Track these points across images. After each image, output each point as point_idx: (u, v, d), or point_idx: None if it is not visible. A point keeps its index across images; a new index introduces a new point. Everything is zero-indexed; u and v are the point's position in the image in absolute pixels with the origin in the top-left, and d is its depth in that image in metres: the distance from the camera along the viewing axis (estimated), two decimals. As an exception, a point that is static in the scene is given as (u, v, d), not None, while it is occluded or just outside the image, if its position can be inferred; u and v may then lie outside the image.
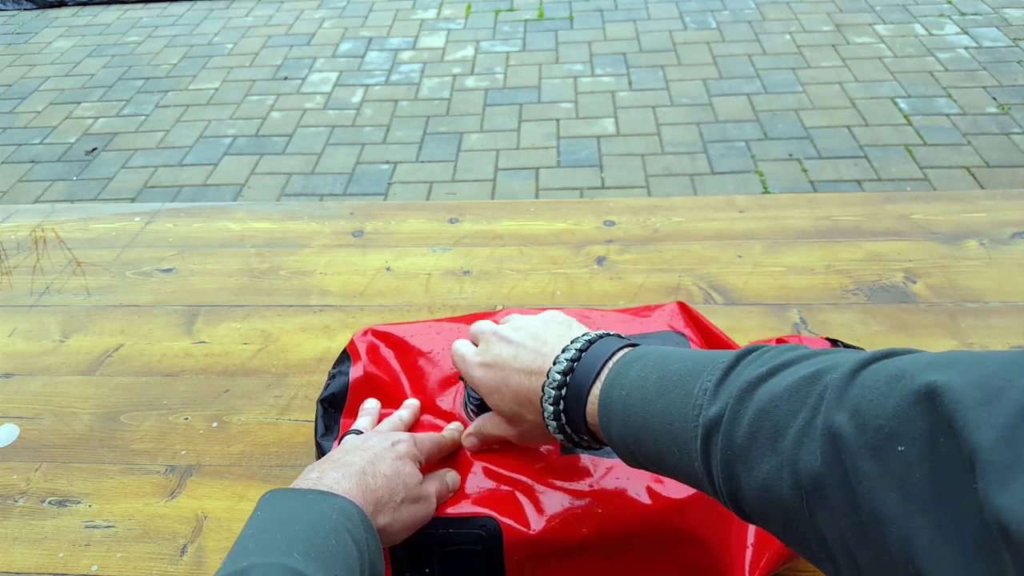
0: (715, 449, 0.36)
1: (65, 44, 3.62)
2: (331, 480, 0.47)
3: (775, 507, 0.33)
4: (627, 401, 0.42)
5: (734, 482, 0.35)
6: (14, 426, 0.74)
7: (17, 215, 1.05)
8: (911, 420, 0.27)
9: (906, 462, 0.27)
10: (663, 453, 0.40)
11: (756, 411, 0.34)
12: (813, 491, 0.30)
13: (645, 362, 0.43)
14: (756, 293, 0.84)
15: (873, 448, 0.28)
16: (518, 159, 2.58)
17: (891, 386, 0.29)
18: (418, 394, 0.61)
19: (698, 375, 0.39)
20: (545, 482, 0.52)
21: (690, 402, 0.38)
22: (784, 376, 0.34)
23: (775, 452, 0.33)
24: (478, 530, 0.51)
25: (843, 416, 0.30)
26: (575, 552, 0.52)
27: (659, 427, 0.39)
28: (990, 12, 3.23)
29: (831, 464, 0.30)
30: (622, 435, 0.42)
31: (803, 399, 0.32)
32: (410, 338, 0.65)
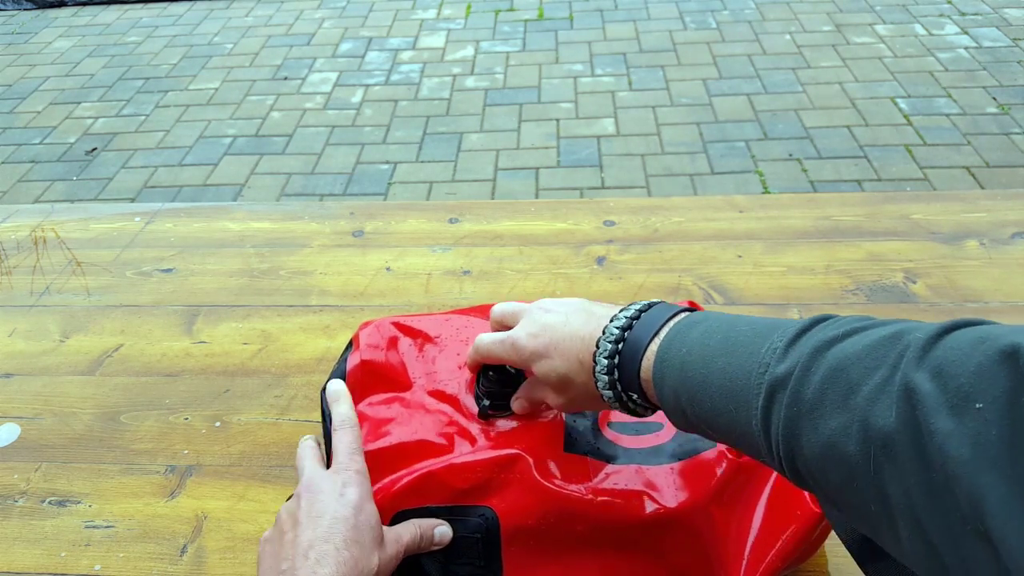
0: (778, 406, 0.35)
1: (65, 44, 3.62)
2: (307, 572, 0.45)
3: (838, 465, 0.32)
4: (686, 358, 0.41)
5: (794, 440, 0.34)
6: (15, 426, 0.74)
7: (17, 215, 1.05)
8: (993, 378, 0.27)
9: (983, 420, 0.26)
10: (718, 411, 0.39)
11: (829, 368, 0.33)
12: (883, 448, 0.30)
13: (709, 323, 0.42)
14: (756, 293, 0.84)
15: (952, 407, 0.28)
16: (518, 159, 2.58)
17: (975, 347, 0.29)
18: (421, 379, 0.61)
19: (766, 337, 0.38)
20: (547, 476, 0.52)
21: (756, 360, 0.37)
22: (862, 337, 0.34)
23: (846, 408, 0.32)
24: (477, 518, 0.52)
25: (923, 375, 0.29)
26: (572, 550, 0.52)
27: (718, 384, 0.39)
28: (990, 12, 3.23)
29: (905, 420, 0.29)
30: (676, 392, 0.42)
31: (882, 357, 0.32)
32: (417, 324, 0.64)
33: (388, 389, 0.61)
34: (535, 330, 0.51)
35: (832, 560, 0.59)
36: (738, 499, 0.53)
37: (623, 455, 0.54)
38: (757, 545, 0.53)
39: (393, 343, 0.63)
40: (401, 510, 0.53)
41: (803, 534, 0.51)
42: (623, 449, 0.55)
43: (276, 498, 0.66)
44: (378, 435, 0.57)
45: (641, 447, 0.55)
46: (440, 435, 0.56)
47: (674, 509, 0.51)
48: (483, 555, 0.52)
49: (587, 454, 0.54)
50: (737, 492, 0.53)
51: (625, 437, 0.56)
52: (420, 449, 0.56)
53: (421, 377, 0.61)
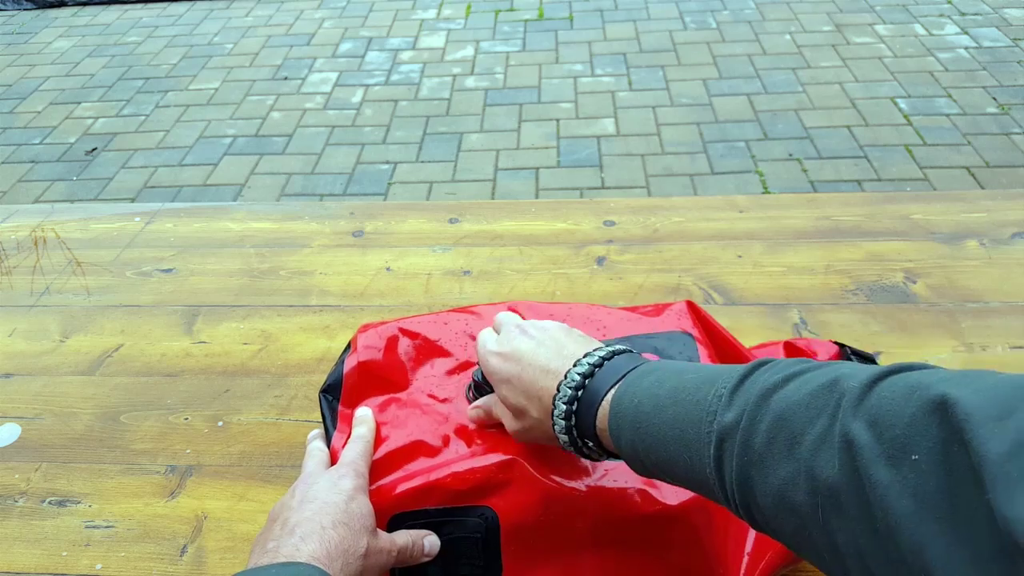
0: (729, 455, 0.36)
1: (65, 44, 3.62)
2: (290, 548, 0.45)
3: (789, 514, 0.33)
4: (639, 408, 0.42)
5: (748, 488, 0.35)
6: (15, 426, 0.74)
7: (17, 215, 1.05)
8: (926, 430, 0.28)
9: (920, 471, 0.27)
10: (674, 460, 0.40)
11: (774, 417, 0.34)
12: (829, 498, 0.31)
13: (661, 373, 0.43)
14: (756, 293, 0.84)
15: (889, 457, 0.28)
16: (518, 159, 2.58)
17: (907, 397, 0.29)
18: (418, 380, 0.61)
19: (712, 383, 0.39)
20: (546, 475, 0.52)
21: (703, 408, 0.38)
22: (801, 383, 0.35)
23: (792, 458, 0.33)
24: (477, 518, 0.52)
25: (860, 424, 0.30)
26: (572, 548, 0.52)
27: (670, 434, 0.40)
28: (990, 12, 3.23)
29: (847, 472, 0.30)
30: (632, 443, 0.42)
31: (821, 406, 0.33)
32: (414, 326, 0.64)
33: (385, 390, 0.61)
34: (506, 351, 0.51)
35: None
36: None
37: None
38: (757, 542, 0.53)
39: (391, 346, 0.63)
40: (399, 512, 0.53)
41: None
42: None
43: (276, 498, 0.65)
44: (377, 441, 0.57)
45: None
46: (436, 436, 0.56)
47: (674, 506, 0.51)
48: (483, 554, 0.52)
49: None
50: None
51: None
52: (416, 450, 0.56)
53: (418, 379, 0.61)
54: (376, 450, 0.56)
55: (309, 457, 0.57)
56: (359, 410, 0.59)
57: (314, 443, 0.59)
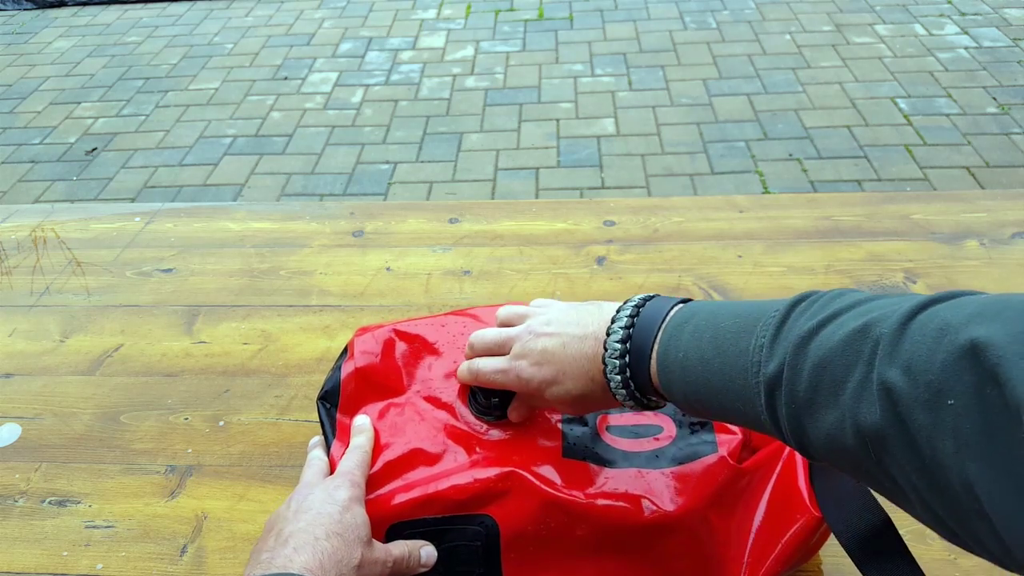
0: (780, 403, 0.37)
1: (65, 44, 3.62)
2: (283, 559, 0.45)
3: (843, 454, 0.34)
4: (684, 363, 0.43)
5: (802, 432, 0.36)
6: (16, 426, 0.74)
7: (17, 215, 1.05)
8: (958, 375, 0.29)
9: (956, 414, 0.28)
10: (728, 409, 0.41)
11: (813, 365, 0.35)
12: (876, 441, 0.32)
13: (697, 321, 0.43)
14: (756, 293, 0.84)
15: (925, 402, 0.29)
16: (518, 159, 2.58)
17: (937, 341, 0.30)
18: (416, 385, 0.61)
19: (751, 330, 0.40)
20: (547, 483, 0.52)
21: (747, 359, 0.39)
22: (835, 328, 0.35)
23: (836, 405, 0.34)
24: (477, 526, 0.51)
25: (895, 371, 0.31)
26: (572, 556, 0.52)
27: (720, 386, 0.41)
28: (990, 12, 3.23)
29: (889, 417, 0.31)
30: (685, 395, 0.43)
31: (857, 353, 0.33)
32: (413, 329, 0.64)
33: (383, 396, 0.60)
34: (537, 358, 0.51)
35: (830, 561, 0.59)
36: (737, 503, 0.53)
37: (622, 459, 0.54)
38: (756, 549, 0.53)
39: (388, 350, 0.62)
40: (397, 522, 0.52)
41: (803, 538, 0.51)
42: (622, 453, 0.54)
43: (276, 498, 0.65)
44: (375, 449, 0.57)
45: (641, 451, 0.55)
46: (435, 443, 0.56)
47: (674, 513, 0.51)
48: (483, 562, 0.52)
49: (586, 459, 0.54)
50: (737, 496, 0.53)
51: (624, 441, 0.55)
52: (415, 458, 0.55)
53: (416, 383, 0.61)
54: (375, 459, 0.56)
55: (308, 467, 0.57)
56: (357, 419, 0.59)
57: (314, 452, 0.59)
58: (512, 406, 0.55)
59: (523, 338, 0.52)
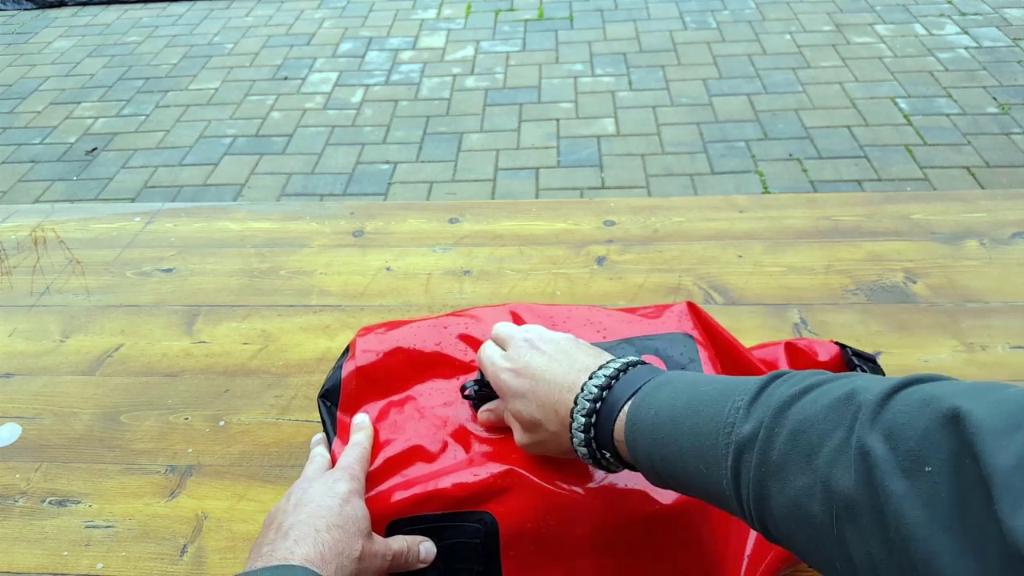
0: (747, 467, 0.37)
1: (65, 44, 3.62)
2: (284, 551, 0.45)
3: (804, 524, 0.34)
4: (655, 420, 0.42)
5: (764, 500, 0.36)
6: (16, 426, 0.74)
7: (17, 215, 1.05)
8: (938, 442, 0.29)
9: (933, 482, 0.28)
10: (691, 472, 0.40)
11: (791, 429, 0.35)
12: (844, 508, 0.31)
13: (676, 384, 0.43)
14: (756, 293, 0.84)
15: (903, 469, 0.29)
16: (518, 159, 2.58)
17: (920, 410, 0.30)
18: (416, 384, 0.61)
19: (729, 396, 0.40)
20: (546, 479, 0.52)
21: (721, 420, 0.39)
22: (818, 395, 0.35)
23: (809, 470, 0.33)
24: (476, 523, 0.52)
25: (876, 437, 0.31)
26: (571, 553, 0.52)
27: (687, 446, 0.40)
28: (990, 12, 3.23)
29: (863, 483, 0.31)
30: (649, 454, 0.43)
31: (838, 419, 0.33)
32: (412, 329, 0.64)
33: (383, 395, 0.61)
34: (518, 367, 0.51)
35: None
36: None
37: None
38: (757, 545, 0.53)
39: (389, 350, 0.63)
40: (397, 518, 0.53)
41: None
42: None
43: (276, 498, 0.65)
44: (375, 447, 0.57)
45: None
46: (435, 440, 0.56)
47: (673, 509, 0.51)
48: (482, 559, 0.52)
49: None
50: None
51: None
52: (414, 455, 0.56)
53: (416, 383, 0.61)
54: (375, 455, 0.56)
55: (310, 463, 0.58)
56: (357, 417, 0.59)
57: (316, 449, 0.60)
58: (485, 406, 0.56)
59: (519, 344, 0.53)
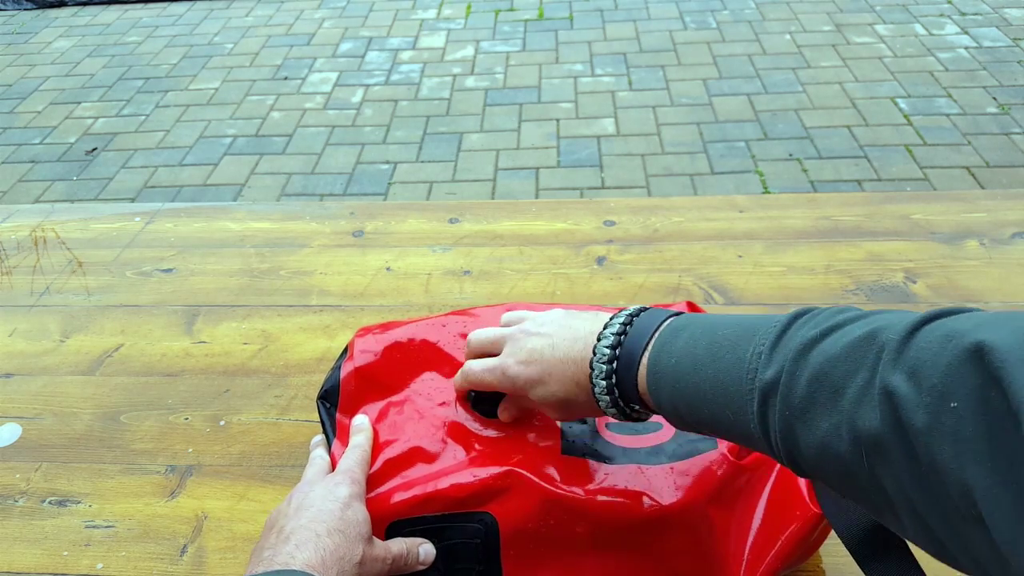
0: (773, 410, 0.36)
1: (65, 44, 3.62)
2: (284, 556, 0.45)
3: (834, 463, 0.34)
4: (677, 368, 0.42)
5: (792, 441, 0.36)
6: (16, 426, 0.74)
7: (17, 215, 1.05)
8: (962, 377, 0.28)
9: (958, 417, 0.28)
10: (716, 416, 0.40)
11: (813, 371, 0.35)
12: (873, 448, 0.31)
13: (693, 329, 0.43)
14: (756, 293, 0.84)
15: (927, 406, 0.29)
16: (518, 159, 2.58)
17: (943, 346, 0.30)
18: (415, 384, 0.61)
19: (749, 339, 0.39)
20: (546, 479, 0.52)
21: (743, 366, 0.38)
22: (839, 337, 0.35)
23: (834, 411, 0.33)
24: (476, 524, 0.52)
25: (899, 376, 0.31)
26: (571, 553, 0.52)
27: (711, 392, 0.40)
28: (990, 12, 3.23)
29: (889, 422, 0.30)
30: (673, 402, 0.43)
31: (860, 359, 0.33)
32: (412, 329, 0.64)
33: (382, 396, 0.61)
34: (524, 357, 0.51)
35: (831, 561, 0.59)
36: (737, 499, 0.53)
37: (622, 455, 0.54)
38: (756, 545, 0.53)
39: (388, 350, 0.62)
40: (397, 520, 0.53)
41: (802, 535, 0.51)
42: (622, 449, 0.55)
43: (276, 498, 0.66)
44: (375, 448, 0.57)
45: (640, 447, 0.55)
46: (434, 441, 0.56)
47: (673, 509, 0.51)
48: (482, 559, 0.52)
49: (585, 456, 0.54)
50: (737, 493, 0.53)
51: (624, 437, 0.55)
52: (414, 456, 0.56)
53: (416, 383, 0.61)
54: (375, 457, 0.56)
55: (310, 465, 0.57)
56: (356, 418, 0.59)
57: (316, 451, 0.59)
58: (502, 405, 0.56)
59: (515, 337, 0.52)
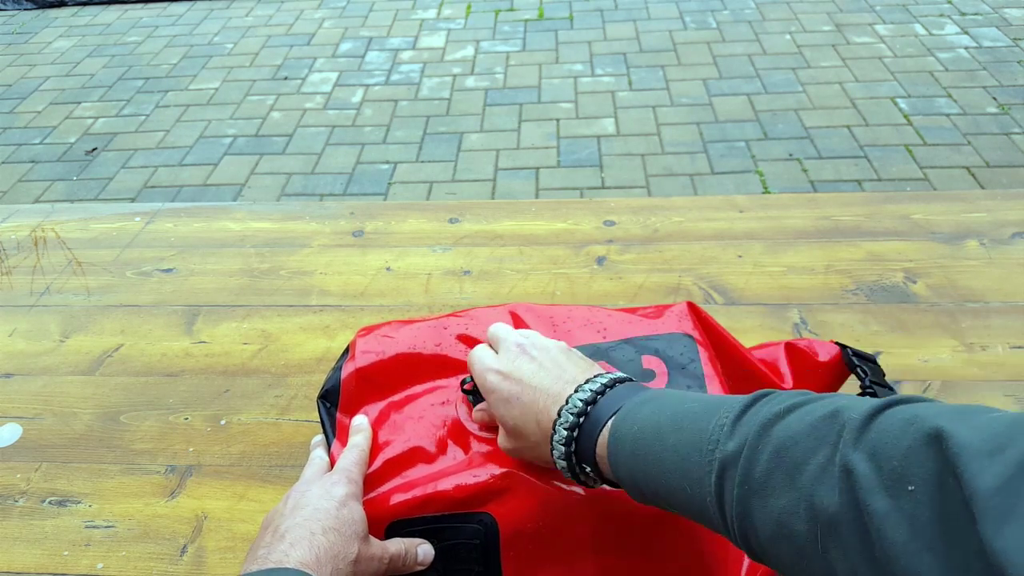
0: (730, 485, 0.36)
1: (65, 44, 3.62)
2: (279, 554, 0.45)
3: (787, 542, 0.34)
4: (639, 435, 0.42)
5: (747, 518, 0.36)
6: (16, 426, 0.74)
7: (17, 215, 1.05)
8: (921, 462, 0.29)
9: (915, 502, 0.28)
10: (673, 489, 0.40)
11: (775, 447, 0.35)
12: (828, 527, 0.31)
13: (660, 401, 0.43)
14: (756, 293, 0.84)
15: (887, 488, 0.29)
16: (518, 159, 2.58)
17: (904, 430, 0.30)
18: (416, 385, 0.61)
19: (713, 413, 0.39)
20: (545, 480, 0.52)
21: (705, 438, 0.38)
22: (803, 414, 0.35)
23: (793, 488, 0.33)
24: (476, 524, 0.52)
25: (860, 456, 0.31)
26: (571, 553, 0.52)
27: (670, 463, 0.40)
28: (990, 12, 3.23)
29: (847, 501, 0.31)
30: (631, 471, 0.42)
31: (822, 437, 0.33)
32: (413, 329, 0.64)
33: (383, 396, 0.61)
34: (506, 370, 0.50)
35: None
36: None
37: None
38: None
39: (389, 350, 0.62)
40: (396, 520, 0.53)
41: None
42: None
43: (276, 498, 0.65)
44: (374, 448, 0.57)
45: None
46: (434, 441, 0.56)
47: None
48: (482, 560, 0.52)
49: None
50: None
51: None
52: (414, 456, 0.56)
53: (416, 383, 0.61)
54: (374, 457, 0.56)
55: (309, 465, 0.57)
56: (355, 419, 0.59)
57: (315, 451, 0.59)
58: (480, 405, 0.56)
59: (511, 349, 0.52)
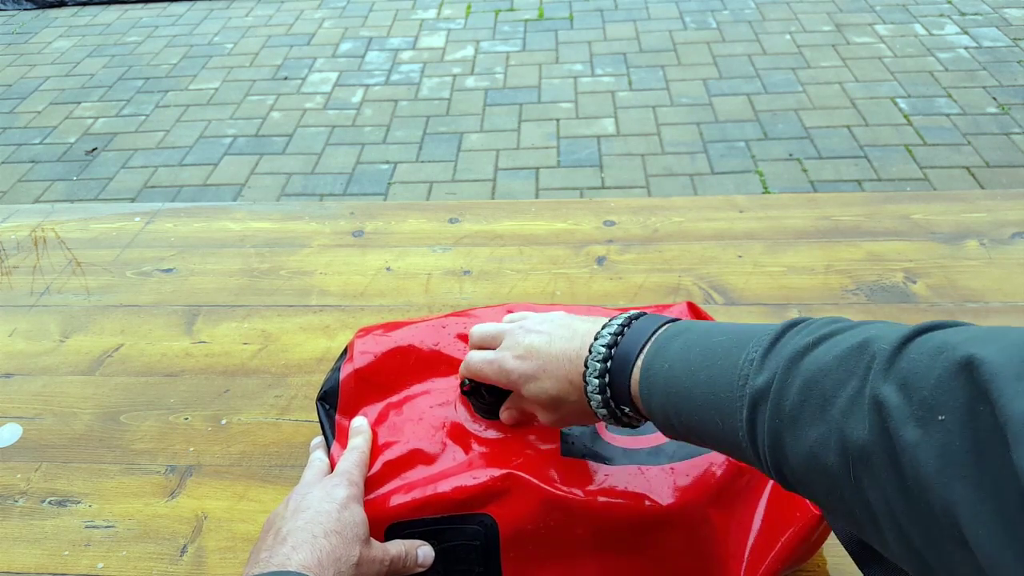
0: (762, 418, 0.36)
1: (65, 44, 3.62)
2: (281, 557, 0.45)
3: (820, 474, 0.34)
4: (670, 373, 0.42)
5: (780, 450, 0.36)
6: (16, 426, 0.74)
7: (17, 215, 1.05)
8: (952, 391, 0.28)
9: (946, 431, 0.28)
10: (705, 423, 0.40)
11: (804, 380, 0.34)
12: (860, 458, 0.31)
13: (689, 335, 0.43)
14: (756, 293, 0.84)
15: (917, 418, 0.29)
16: (518, 159, 2.58)
17: (934, 358, 0.30)
18: (415, 386, 0.61)
19: (742, 347, 0.39)
20: (545, 481, 0.52)
21: (735, 372, 0.38)
22: (831, 345, 0.35)
23: (823, 420, 0.33)
24: (476, 525, 0.52)
25: (890, 387, 0.30)
26: (571, 554, 0.52)
27: (702, 398, 0.40)
28: (990, 12, 3.23)
29: (878, 433, 0.30)
30: (663, 407, 0.42)
31: (852, 368, 0.33)
32: (412, 330, 0.64)
33: (382, 397, 0.61)
34: (521, 352, 0.51)
35: (831, 561, 0.59)
36: (737, 501, 0.53)
37: (622, 456, 0.54)
38: (757, 547, 0.53)
39: (388, 351, 0.63)
40: (396, 522, 0.53)
41: (802, 536, 0.51)
42: (622, 450, 0.55)
43: (276, 498, 0.66)
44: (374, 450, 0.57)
45: (640, 448, 0.55)
46: (434, 442, 0.56)
47: (674, 510, 0.51)
48: (482, 561, 0.52)
49: (585, 457, 0.54)
50: (737, 494, 0.53)
51: (624, 438, 0.55)
52: (414, 458, 0.56)
53: (415, 384, 0.61)
54: (374, 459, 0.56)
55: (309, 467, 0.57)
56: (355, 420, 0.59)
57: (315, 453, 0.59)
58: (504, 405, 0.56)
59: (515, 332, 0.53)
